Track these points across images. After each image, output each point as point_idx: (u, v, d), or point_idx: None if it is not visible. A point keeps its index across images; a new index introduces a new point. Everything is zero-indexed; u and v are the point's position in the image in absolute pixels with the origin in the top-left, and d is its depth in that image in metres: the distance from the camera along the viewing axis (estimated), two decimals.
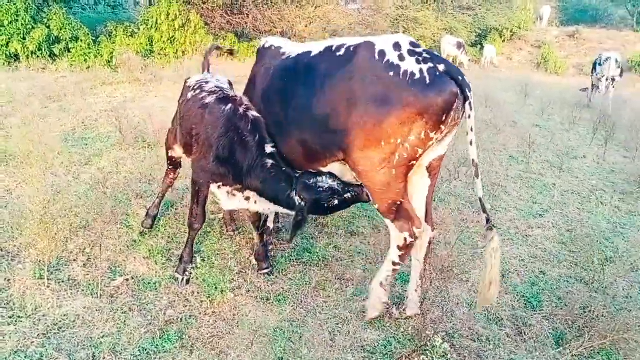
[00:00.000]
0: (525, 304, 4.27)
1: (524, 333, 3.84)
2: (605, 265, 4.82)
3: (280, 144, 3.81)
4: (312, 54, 3.63)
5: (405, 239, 3.55)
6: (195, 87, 4.26)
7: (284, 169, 3.71)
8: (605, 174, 7.95)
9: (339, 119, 3.34)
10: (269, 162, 3.70)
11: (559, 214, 6.20)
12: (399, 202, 3.47)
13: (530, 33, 28.70)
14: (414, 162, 3.33)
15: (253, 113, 3.86)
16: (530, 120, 11.31)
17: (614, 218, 6.19)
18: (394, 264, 3.69)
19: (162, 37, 14.90)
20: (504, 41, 27.38)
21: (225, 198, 4.01)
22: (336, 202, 3.56)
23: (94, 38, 13.92)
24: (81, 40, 13.50)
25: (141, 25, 15.09)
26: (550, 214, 6.19)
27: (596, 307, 4.02)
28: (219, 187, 3.97)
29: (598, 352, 3.67)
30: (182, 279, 4.11)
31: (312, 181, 3.57)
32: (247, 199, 3.96)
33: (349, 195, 3.59)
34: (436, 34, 22.88)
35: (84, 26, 13.84)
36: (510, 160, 8.15)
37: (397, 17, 21.61)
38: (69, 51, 13.40)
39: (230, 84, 4.56)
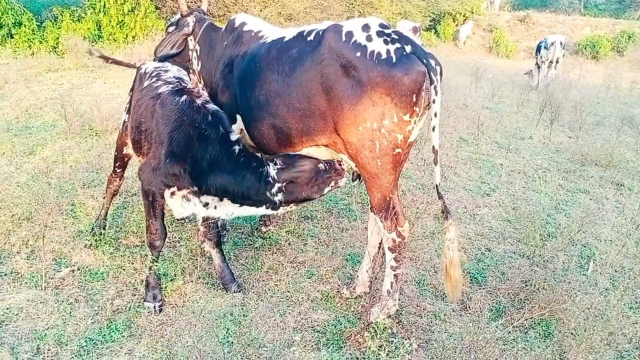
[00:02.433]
0: (471, 280, 4.41)
1: (469, 307, 3.98)
2: (546, 241, 5.03)
3: (254, 129, 3.76)
4: (286, 39, 3.58)
5: (394, 240, 3.49)
6: (153, 75, 3.93)
7: (251, 152, 3.58)
8: (550, 154, 8.25)
9: (317, 104, 3.31)
10: (236, 148, 3.49)
11: (505, 193, 6.41)
12: (388, 198, 3.41)
13: (483, 17, 29.26)
14: (399, 150, 3.26)
15: (212, 106, 3.61)
16: (481, 102, 11.58)
17: (557, 195, 6.44)
18: (393, 268, 3.58)
19: (110, 21, 14.43)
20: (457, 25, 27.80)
21: (179, 204, 3.57)
22: (311, 169, 3.46)
23: (38, 23, 13.37)
24: (25, 26, 12.96)
25: (88, 9, 14.58)
26: (497, 193, 6.40)
27: (536, 280, 4.20)
28: (172, 193, 3.52)
29: (538, 323, 3.84)
30: (155, 306, 3.64)
31: (284, 154, 3.56)
32: (206, 205, 3.57)
33: (321, 166, 3.47)
34: (391, 18, 23.01)
35: (27, 11, 13.28)
36: (460, 142, 8.35)
37: (352, 1, 21.58)
38: (11, 37, 12.86)
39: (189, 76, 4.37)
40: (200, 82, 4.65)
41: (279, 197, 3.49)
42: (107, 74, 11.21)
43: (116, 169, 4.50)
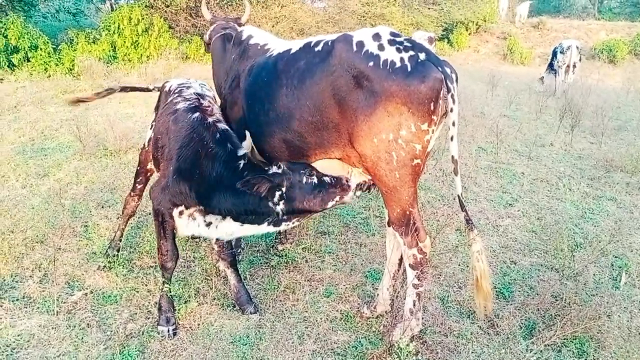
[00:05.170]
0: (497, 295, 4.21)
1: (497, 325, 3.78)
2: (575, 252, 4.82)
3: (265, 144, 3.67)
4: (292, 51, 3.47)
5: (415, 256, 3.33)
6: (175, 92, 3.90)
7: (256, 163, 3.46)
8: (573, 161, 8.00)
9: (330, 116, 3.19)
10: (241, 162, 3.38)
11: (528, 203, 6.20)
12: (408, 212, 3.27)
13: (496, 25, 29.01)
14: (418, 160, 3.13)
15: (222, 125, 3.55)
16: (498, 110, 11.37)
17: (583, 204, 6.21)
18: (415, 286, 3.41)
19: (125, 42, 14.63)
20: (470, 34, 27.62)
21: (185, 223, 3.48)
22: (315, 179, 3.29)
23: (54, 46, 13.55)
24: (41, 49, 13.14)
25: (103, 31, 14.78)
26: (520, 203, 6.18)
27: (567, 294, 3.99)
28: (180, 213, 3.44)
29: (571, 341, 3.63)
30: (168, 330, 3.53)
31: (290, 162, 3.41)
32: (209, 224, 3.46)
33: (327, 179, 3.32)
34: (403, 29, 22.93)
35: (43, 34, 13.48)
36: (479, 151, 8.15)
37: (363, 14, 21.54)
38: (28, 60, 13.03)
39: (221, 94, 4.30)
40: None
41: (280, 207, 3.31)
42: (122, 94, 11.24)
43: (136, 184, 4.42)
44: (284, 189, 3.27)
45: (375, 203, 5.79)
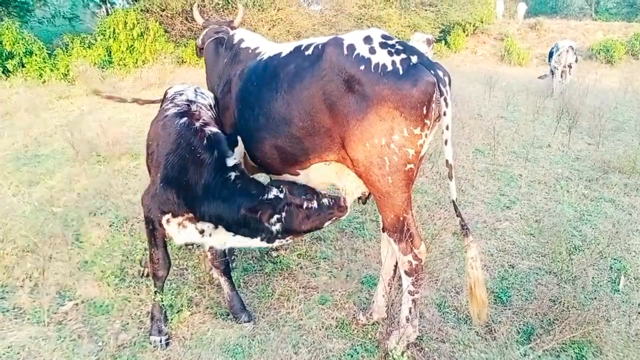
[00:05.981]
0: (495, 300, 4.16)
1: (494, 331, 3.72)
2: (574, 255, 4.76)
3: (255, 150, 3.61)
4: (282, 55, 3.41)
5: (410, 263, 3.28)
6: (169, 98, 3.84)
7: (251, 178, 3.39)
8: (571, 162, 7.95)
9: (321, 121, 3.13)
10: (232, 174, 3.28)
11: (526, 205, 6.15)
12: (402, 218, 3.21)
13: (493, 26, 29.01)
14: (411, 165, 3.07)
15: (211, 129, 3.44)
16: (495, 112, 11.33)
17: (581, 206, 6.16)
18: (411, 293, 3.36)
19: (120, 46, 14.60)
20: (467, 35, 27.61)
21: (176, 231, 3.40)
22: (315, 203, 3.27)
23: (49, 52, 13.51)
24: (35, 55, 13.11)
25: (98, 35, 14.74)
26: (517, 206, 6.13)
27: (566, 298, 3.94)
28: (167, 220, 3.36)
29: (570, 345, 3.57)
30: (160, 340, 3.46)
31: (288, 182, 3.37)
32: (202, 232, 3.39)
33: (325, 201, 3.30)
34: (401, 32, 22.91)
35: (38, 40, 13.45)
36: (476, 153, 8.10)
37: (360, 17, 21.52)
38: (23, 66, 12.99)
39: (217, 100, 4.20)
40: None
41: (276, 227, 3.26)
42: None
43: None
44: (283, 214, 3.24)
45: (371, 207, 5.73)
